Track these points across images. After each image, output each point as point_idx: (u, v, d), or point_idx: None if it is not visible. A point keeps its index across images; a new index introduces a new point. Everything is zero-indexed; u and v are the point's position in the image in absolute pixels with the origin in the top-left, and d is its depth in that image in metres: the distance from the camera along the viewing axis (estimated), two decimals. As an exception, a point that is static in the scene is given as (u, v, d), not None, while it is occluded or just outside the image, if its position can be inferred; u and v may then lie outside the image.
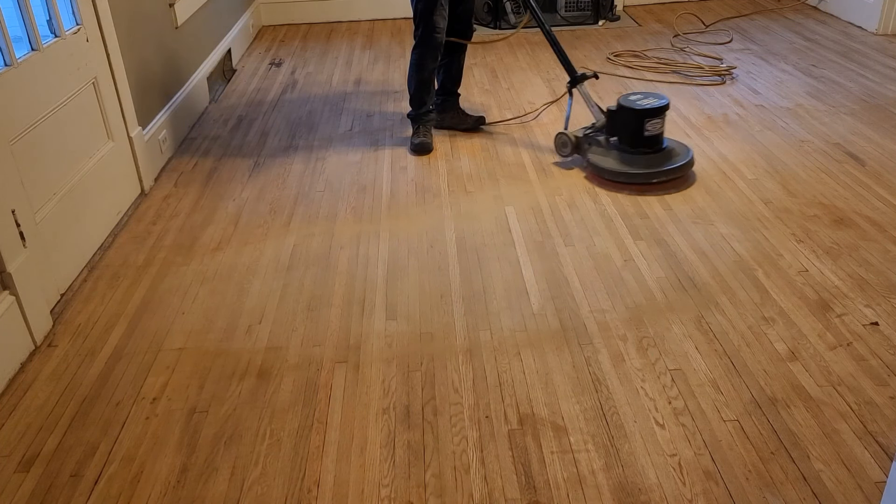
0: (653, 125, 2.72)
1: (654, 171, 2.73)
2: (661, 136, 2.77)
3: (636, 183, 2.73)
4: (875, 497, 1.51)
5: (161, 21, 3.28)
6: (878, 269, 2.23)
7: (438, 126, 3.36)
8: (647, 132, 2.73)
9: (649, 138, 2.75)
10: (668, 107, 2.74)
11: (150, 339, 2.09)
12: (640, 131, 2.73)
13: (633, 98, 2.77)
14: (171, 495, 1.60)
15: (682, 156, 2.77)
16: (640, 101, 2.75)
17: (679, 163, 2.74)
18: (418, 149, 3.14)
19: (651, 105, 2.71)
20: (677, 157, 2.77)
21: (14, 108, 2.11)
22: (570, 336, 2.02)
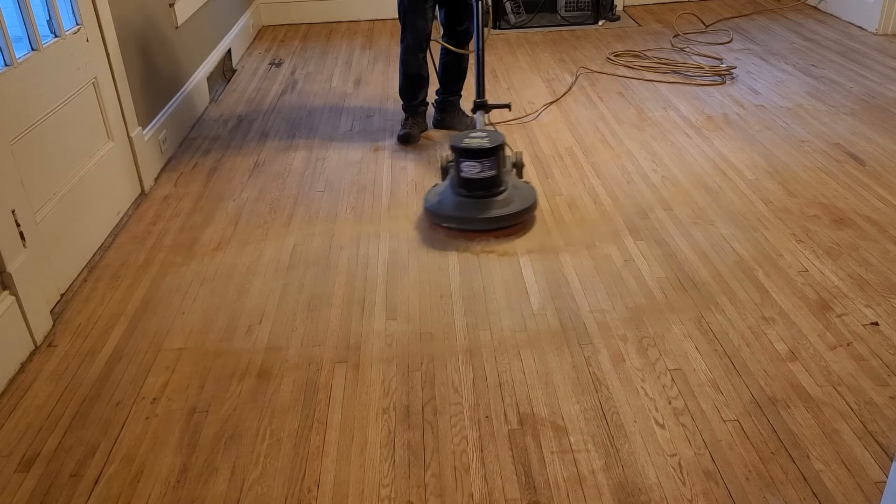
0: (469, 167, 2.46)
1: (460, 217, 2.47)
2: (481, 181, 2.47)
3: (446, 226, 2.51)
4: (875, 497, 1.51)
5: (161, 21, 3.28)
6: (878, 269, 2.23)
7: (438, 126, 3.37)
8: (462, 173, 2.48)
9: (465, 180, 2.48)
10: (495, 151, 2.43)
11: (150, 339, 2.09)
12: (459, 171, 2.49)
13: (466, 134, 2.52)
14: (171, 495, 1.60)
15: (509, 206, 2.47)
16: (468, 138, 2.48)
17: (496, 213, 2.45)
18: (401, 139, 3.24)
19: (470, 145, 2.45)
20: (502, 206, 2.47)
21: (14, 108, 2.11)
22: (570, 336, 2.02)
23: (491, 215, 2.46)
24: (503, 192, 2.51)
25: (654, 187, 2.76)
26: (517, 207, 2.49)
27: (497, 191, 2.51)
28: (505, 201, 2.50)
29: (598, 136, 3.21)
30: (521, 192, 2.56)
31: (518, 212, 2.49)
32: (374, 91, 3.90)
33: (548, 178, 2.88)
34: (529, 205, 2.52)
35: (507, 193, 2.52)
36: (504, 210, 2.48)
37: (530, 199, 2.54)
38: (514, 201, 2.51)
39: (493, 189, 2.50)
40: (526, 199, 2.53)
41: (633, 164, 2.94)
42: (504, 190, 2.52)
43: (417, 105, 3.30)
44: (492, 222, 2.47)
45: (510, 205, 2.49)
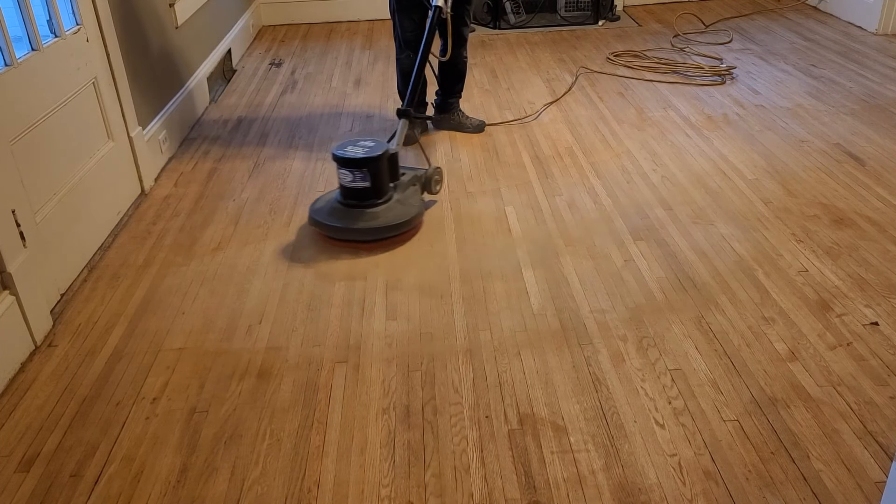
0: (343, 175, 2.44)
1: (332, 226, 2.44)
2: (352, 190, 2.44)
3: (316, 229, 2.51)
4: (875, 497, 1.51)
5: (161, 21, 3.28)
6: (878, 269, 2.23)
7: (438, 127, 3.37)
8: (340, 180, 2.46)
9: (343, 188, 2.47)
10: (367, 163, 2.38)
11: (150, 339, 2.09)
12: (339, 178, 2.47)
13: (353, 142, 2.48)
14: (171, 495, 1.60)
15: (375, 220, 2.42)
16: (351, 146, 2.45)
17: (358, 225, 2.41)
18: None
19: (345, 154, 2.42)
20: (368, 219, 2.42)
21: (14, 108, 2.11)
22: (570, 336, 2.02)
23: (352, 226, 2.42)
24: (378, 206, 2.44)
25: (653, 187, 2.76)
26: (381, 223, 2.42)
27: (369, 203, 2.44)
28: (373, 215, 2.43)
29: (598, 136, 3.22)
30: (402, 210, 2.47)
31: (377, 227, 2.41)
32: (374, 91, 3.90)
33: (548, 177, 2.88)
34: (396, 223, 2.43)
35: (384, 207, 2.45)
36: (368, 223, 2.41)
37: (402, 218, 2.44)
38: (383, 217, 2.43)
39: (365, 200, 2.44)
40: (399, 217, 2.44)
41: (632, 164, 2.94)
42: (380, 203, 2.45)
43: (417, 105, 3.29)
44: (350, 233, 2.42)
45: (376, 219, 2.42)
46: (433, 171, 2.69)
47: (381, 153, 2.43)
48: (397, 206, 2.48)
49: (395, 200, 2.49)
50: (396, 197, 2.51)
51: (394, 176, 2.53)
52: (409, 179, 2.60)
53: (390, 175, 2.51)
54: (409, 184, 2.60)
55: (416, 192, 2.62)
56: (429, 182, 2.67)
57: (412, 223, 2.49)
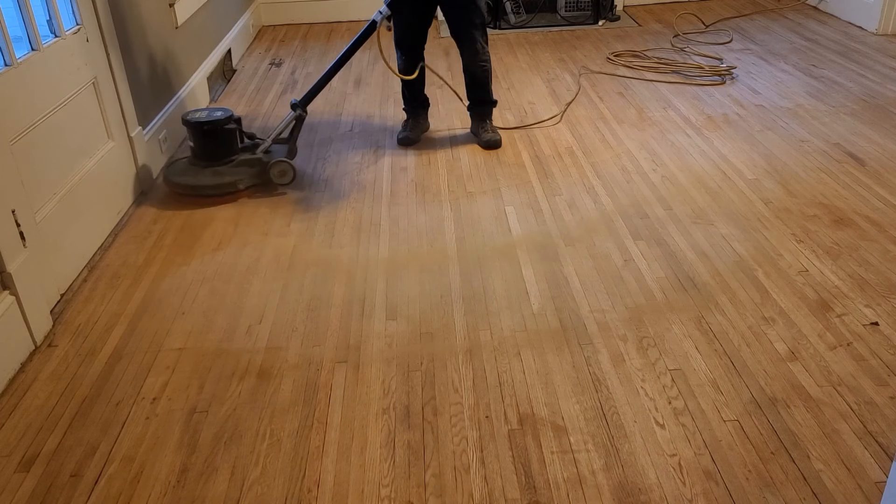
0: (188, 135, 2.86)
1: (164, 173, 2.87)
2: (190, 148, 2.87)
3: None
4: (875, 497, 1.51)
5: (161, 21, 3.27)
6: (878, 269, 2.23)
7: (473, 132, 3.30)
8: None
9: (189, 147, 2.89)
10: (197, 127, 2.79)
11: (150, 339, 2.09)
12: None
13: (208, 109, 2.90)
14: (171, 495, 1.60)
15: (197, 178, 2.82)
16: (202, 111, 2.87)
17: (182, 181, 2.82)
18: (400, 142, 3.26)
19: (187, 114, 2.85)
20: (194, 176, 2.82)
21: (14, 108, 2.11)
22: (570, 336, 2.02)
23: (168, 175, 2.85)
24: (198, 166, 2.84)
25: (654, 187, 2.76)
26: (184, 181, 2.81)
27: (196, 161, 2.86)
28: (186, 171, 2.85)
29: (598, 136, 3.21)
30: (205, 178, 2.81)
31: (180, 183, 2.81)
32: (374, 91, 3.90)
33: (548, 177, 2.88)
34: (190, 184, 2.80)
35: (201, 169, 2.83)
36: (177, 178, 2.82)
37: (197, 182, 2.80)
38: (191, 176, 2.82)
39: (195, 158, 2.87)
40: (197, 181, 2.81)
41: (633, 164, 2.94)
42: (201, 165, 2.84)
43: (417, 106, 3.29)
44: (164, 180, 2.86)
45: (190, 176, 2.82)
46: (274, 162, 2.86)
47: (202, 121, 2.80)
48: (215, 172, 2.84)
49: (211, 169, 2.84)
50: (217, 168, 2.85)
51: (225, 149, 2.87)
52: (246, 159, 2.88)
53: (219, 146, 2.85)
54: (243, 163, 2.87)
55: (242, 172, 2.85)
56: (268, 170, 2.86)
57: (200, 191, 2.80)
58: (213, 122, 2.79)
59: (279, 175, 2.87)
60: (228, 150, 2.87)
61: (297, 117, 2.96)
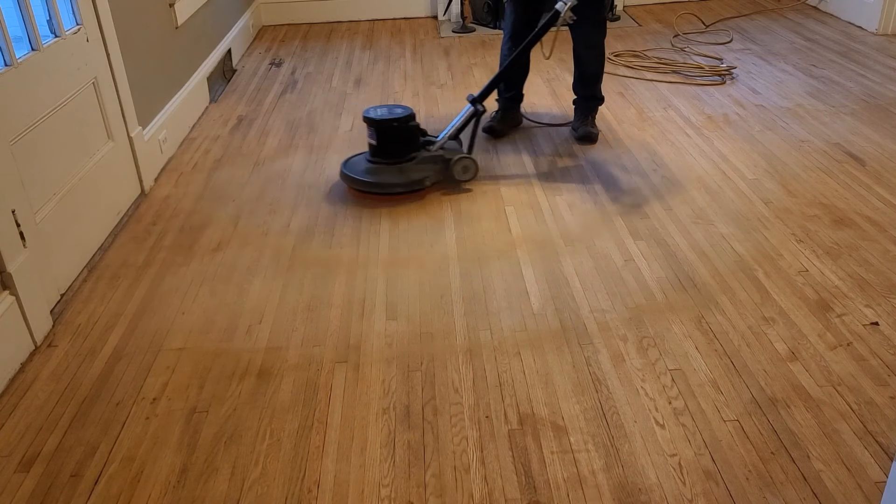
0: (368, 130, 2.80)
1: (344, 171, 2.81)
2: (371, 147, 2.80)
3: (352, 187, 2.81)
4: (875, 497, 1.51)
5: (161, 21, 3.28)
6: (878, 269, 2.23)
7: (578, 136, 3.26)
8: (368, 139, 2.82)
9: (369, 143, 2.82)
10: (385, 124, 2.72)
11: (150, 339, 2.09)
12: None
13: (388, 106, 2.83)
14: (171, 495, 1.60)
15: (386, 176, 2.75)
16: (380, 109, 2.80)
17: (370, 178, 2.75)
18: (484, 131, 3.27)
19: (368, 112, 2.78)
20: (380, 175, 2.76)
21: (14, 108, 2.11)
22: (570, 336, 2.02)
23: (350, 174, 2.79)
24: (382, 164, 2.78)
25: (654, 187, 2.76)
26: (376, 179, 2.75)
27: (376, 160, 2.79)
28: (379, 170, 2.77)
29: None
30: (394, 176, 2.75)
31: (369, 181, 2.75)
32: (374, 91, 3.90)
33: (548, 177, 2.88)
34: (380, 182, 2.74)
35: (386, 167, 2.77)
36: (368, 176, 2.76)
37: (387, 180, 2.74)
38: (376, 175, 2.76)
39: (375, 157, 2.80)
40: (386, 179, 2.74)
41: (633, 164, 2.94)
42: (384, 163, 2.78)
43: (509, 99, 3.28)
44: (349, 180, 2.78)
45: (378, 175, 2.76)
46: (458, 159, 2.79)
47: (395, 119, 2.71)
48: (398, 170, 2.77)
49: (397, 166, 2.77)
50: (403, 165, 2.78)
51: (410, 146, 2.80)
52: (429, 155, 2.81)
53: (404, 143, 2.79)
54: (428, 160, 2.80)
55: (428, 169, 2.79)
56: (452, 166, 2.79)
57: (392, 188, 2.74)
58: (400, 119, 2.73)
59: (462, 171, 2.81)
60: (412, 147, 2.81)
61: (474, 113, 2.87)
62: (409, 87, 3.92)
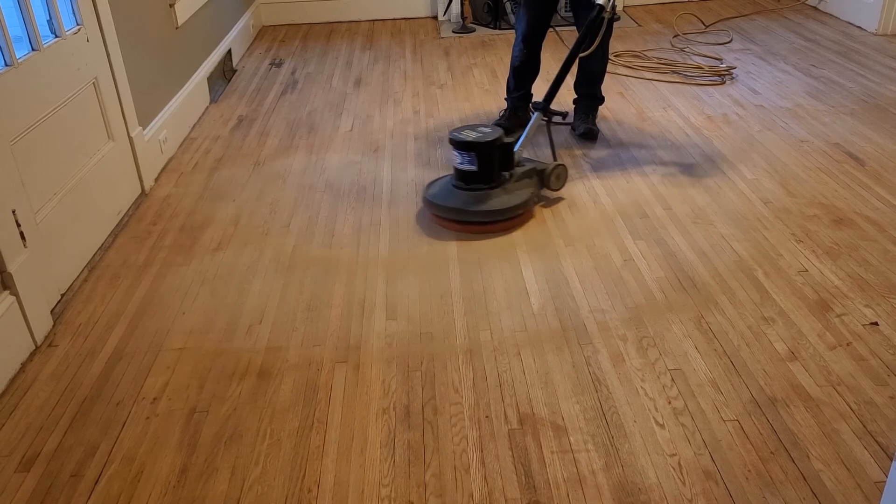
0: (456, 157, 2.54)
1: (446, 206, 2.51)
2: (469, 173, 2.52)
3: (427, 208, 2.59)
4: (875, 497, 1.51)
5: (161, 21, 3.28)
6: (878, 269, 2.23)
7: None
8: (454, 162, 2.56)
9: (458, 171, 2.56)
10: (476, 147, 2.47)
11: (151, 339, 2.09)
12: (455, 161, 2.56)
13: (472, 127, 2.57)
14: (171, 495, 1.60)
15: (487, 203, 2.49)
16: (466, 129, 2.55)
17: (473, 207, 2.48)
18: None
19: (459, 137, 2.51)
20: (479, 201, 2.49)
21: (14, 108, 2.11)
22: (570, 336, 2.02)
23: (457, 206, 2.51)
24: (482, 190, 2.52)
25: (653, 187, 2.76)
26: (487, 207, 2.49)
27: (476, 186, 2.53)
28: (480, 198, 2.51)
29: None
30: (509, 198, 2.51)
31: (481, 210, 2.48)
32: (375, 91, 3.90)
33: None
34: (498, 209, 2.48)
35: (489, 192, 2.51)
36: (472, 206, 2.50)
37: (505, 205, 2.49)
38: (489, 201, 2.49)
39: (472, 183, 2.53)
40: (502, 204, 2.49)
41: (632, 164, 2.94)
42: (486, 187, 2.52)
43: (518, 98, 3.28)
44: (454, 213, 2.51)
45: (482, 203, 2.50)
46: (553, 167, 2.66)
47: (493, 140, 2.49)
48: (503, 194, 2.53)
49: (503, 190, 2.54)
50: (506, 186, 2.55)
51: (506, 165, 2.58)
52: (524, 171, 2.62)
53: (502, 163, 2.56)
54: (524, 175, 2.62)
55: (530, 184, 2.62)
56: (547, 177, 2.66)
57: (511, 211, 2.51)
58: (498, 139, 2.50)
59: (556, 180, 2.69)
60: (510, 165, 2.61)
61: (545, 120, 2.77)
62: (409, 88, 3.92)
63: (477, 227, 2.50)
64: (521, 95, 3.29)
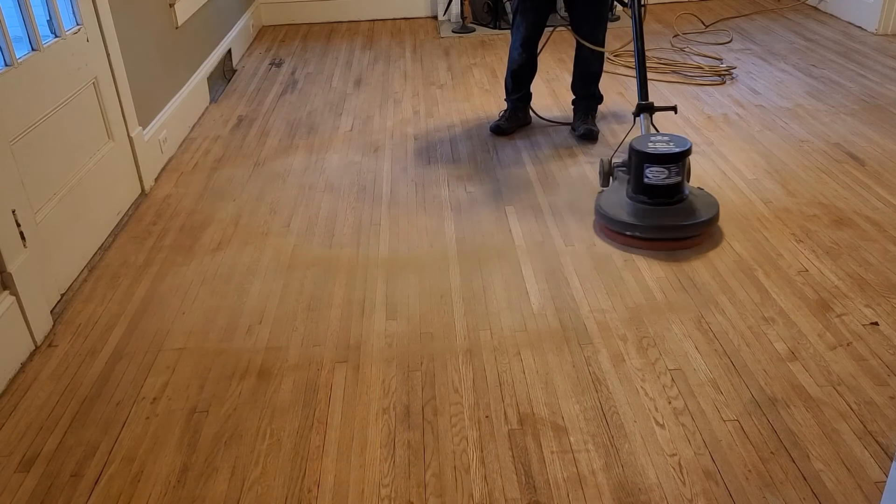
0: (654, 173, 2.36)
1: (643, 225, 2.36)
2: (668, 187, 2.37)
3: (624, 234, 2.40)
4: (875, 497, 1.51)
5: (161, 21, 3.28)
6: (878, 269, 2.23)
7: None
8: (646, 179, 2.38)
9: (649, 187, 2.39)
10: (683, 155, 2.35)
11: (151, 338, 2.09)
12: (641, 176, 2.39)
13: (647, 138, 2.41)
14: (171, 495, 1.60)
15: (696, 214, 2.37)
16: (653, 142, 2.39)
17: (686, 221, 2.35)
18: (491, 129, 3.30)
19: (657, 150, 2.35)
20: (689, 214, 2.37)
21: (14, 108, 2.11)
22: (570, 336, 2.02)
23: (680, 223, 2.36)
24: (686, 199, 2.41)
25: (654, 187, 2.76)
26: (704, 215, 2.37)
27: (680, 198, 2.40)
28: (691, 208, 2.39)
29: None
30: (702, 199, 2.44)
31: (705, 220, 2.37)
32: (375, 91, 3.90)
33: (548, 177, 2.88)
34: (715, 212, 2.40)
35: (690, 200, 2.42)
36: (693, 218, 2.36)
37: (715, 206, 2.42)
38: (698, 208, 2.39)
39: (677, 196, 2.40)
40: (706, 207, 2.40)
41: (633, 164, 2.94)
42: (686, 197, 2.42)
43: (517, 98, 3.30)
44: (680, 230, 2.36)
45: (695, 212, 2.37)
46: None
47: (690, 146, 2.38)
48: (695, 198, 2.44)
49: (691, 194, 2.45)
50: (687, 191, 2.45)
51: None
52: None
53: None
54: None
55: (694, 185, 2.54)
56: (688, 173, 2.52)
57: (719, 214, 2.43)
58: (690, 148, 2.38)
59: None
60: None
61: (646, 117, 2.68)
62: (409, 88, 3.92)
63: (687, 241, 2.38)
64: (522, 96, 3.30)
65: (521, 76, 3.25)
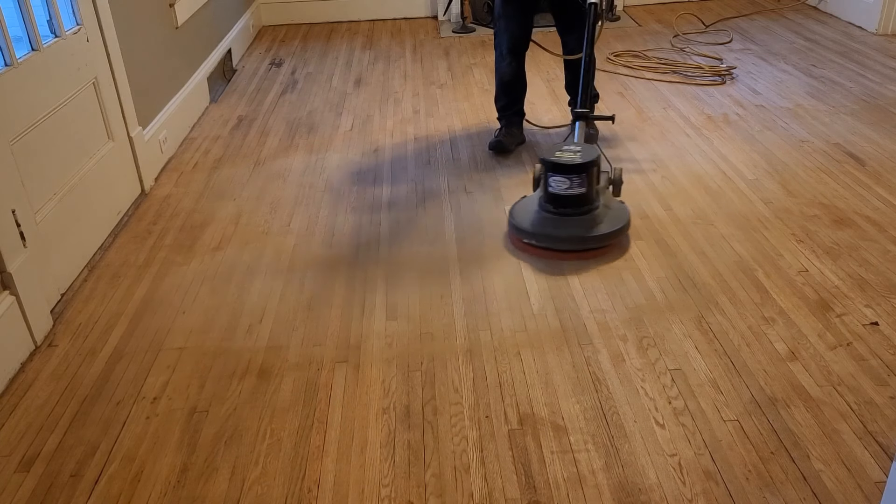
0: (557, 182, 2.34)
1: (540, 234, 2.35)
2: (571, 198, 2.35)
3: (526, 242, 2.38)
4: (875, 497, 1.51)
5: (161, 21, 3.28)
6: (878, 269, 2.23)
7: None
8: (550, 188, 2.37)
9: (553, 196, 2.37)
10: (587, 167, 2.31)
11: (151, 338, 2.09)
12: (546, 185, 2.37)
13: (558, 147, 2.39)
14: (171, 495, 1.60)
15: (597, 227, 2.35)
16: (559, 152, 2.36)
17: (585, 233, 2.33)
18: (490, 147, 3.12)
19: (559, 160, 2.33)
20: (590, 226, 2.35)
21: (14, 108, 2.11)
22: (570, 336, 2.02)
23: (576, 234, 2.34)
24: (592, 211, 2.38)
25: (654, 187, 2.76)
26: (605, 229, 2.34)
27: (586, 209, 2.38)
28: (593, 221, 2.36)
29: (598, 136, 3.21)
30: (613, 213, 2.41)
31: (605, 234, 2.34)
32: (375, 91, 3.90)
33: (548, 178, 2.88)
34: (620, 226, 2.37)
35: (597, 213, 2.38)
36: (591, 231, 2.34)
37: (622, 220, 2.38)
38: (602, 221, 2.36)
39: (582, 207, 2.37)
40: (617, 220, 2.38)
41: (632, 164, 2.94)
42: (593, 209, 2.39)
43: (510, 115, 3.16)
44: (576, 242, 2.34)
45: (598, 225, 2.35)
46: (619, 172, 2.48)
47: (597, 157, 2.35)
48: (606, 210, 2.40)
49: (602, 205, 2.41)
50: (603, 202, 2.42)
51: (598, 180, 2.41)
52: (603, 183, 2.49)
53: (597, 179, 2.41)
54: (605, 187, 2.49)
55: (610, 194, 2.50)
56: (617, 184, 2.47)
57: (628, 226, 2.40)
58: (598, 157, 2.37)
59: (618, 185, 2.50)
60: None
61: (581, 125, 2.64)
62: (408, 87, 3.92)
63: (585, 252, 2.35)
64: (516, 111, 3.18)
65: (513, 88, 3.11)
